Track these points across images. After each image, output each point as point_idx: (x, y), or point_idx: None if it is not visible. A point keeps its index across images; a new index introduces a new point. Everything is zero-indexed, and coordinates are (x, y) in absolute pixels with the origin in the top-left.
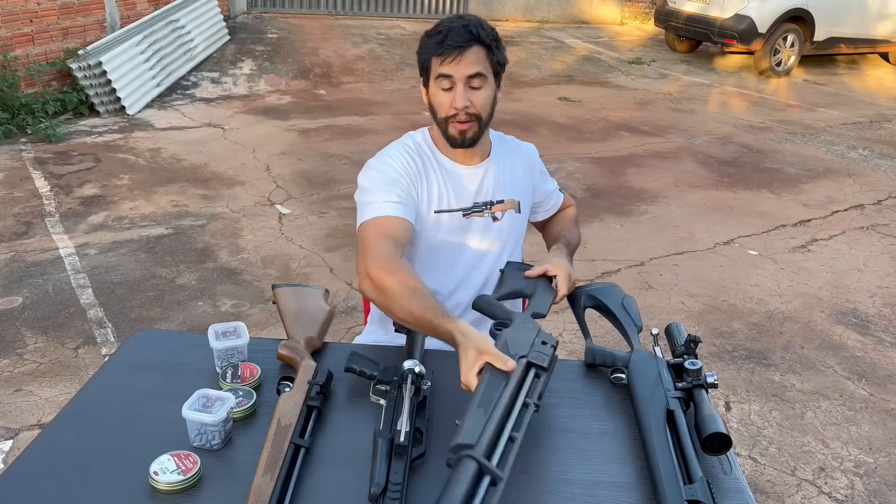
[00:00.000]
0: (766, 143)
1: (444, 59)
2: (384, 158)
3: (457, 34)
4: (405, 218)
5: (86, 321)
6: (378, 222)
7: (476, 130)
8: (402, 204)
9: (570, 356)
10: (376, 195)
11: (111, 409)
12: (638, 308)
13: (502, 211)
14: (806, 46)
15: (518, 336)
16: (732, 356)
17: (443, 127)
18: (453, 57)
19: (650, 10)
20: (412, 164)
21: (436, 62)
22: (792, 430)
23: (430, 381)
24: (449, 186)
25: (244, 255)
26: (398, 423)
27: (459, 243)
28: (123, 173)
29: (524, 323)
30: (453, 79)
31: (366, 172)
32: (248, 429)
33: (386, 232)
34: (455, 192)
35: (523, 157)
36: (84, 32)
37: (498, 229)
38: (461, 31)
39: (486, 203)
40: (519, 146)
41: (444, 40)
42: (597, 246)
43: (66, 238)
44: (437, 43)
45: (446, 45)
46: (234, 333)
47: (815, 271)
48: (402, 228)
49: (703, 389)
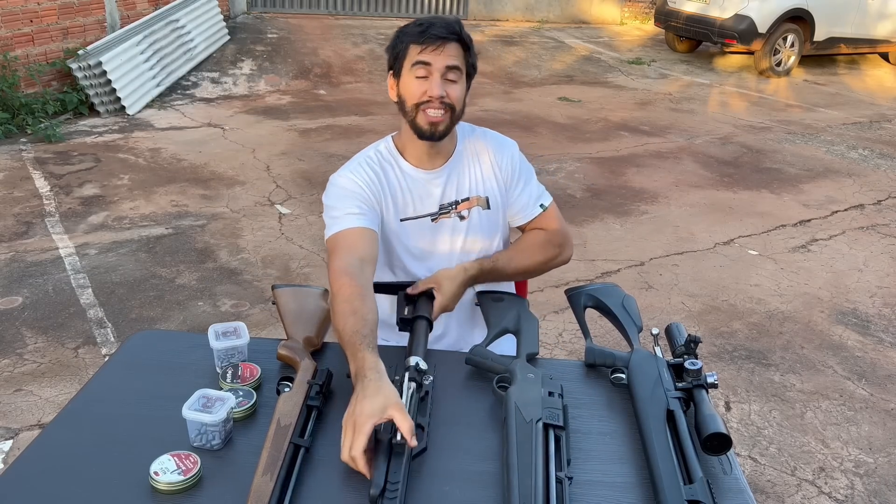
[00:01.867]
0: (766, 143)
1: (424, 48)
2: (345, 174)
3: (439, 27)
4: (368, 227)
5: (86, 321)
6: (341, 236)
7: (447, 124)
8: (364, 214)
9: (570, 356)
10: (338, 210)
11: (111, 409)
12: (638, 308)
13: (468, 209)
14: (806, 46)
15: (526, 395)
16: (732, 356)
17: (412, 116)
18: (435, 46)
19: (650, 10)
20: (373, 175)
21: (414, 49)
22: (792, 430)
23: (433, 375)
24: (414, 194)
25: (244, 255)
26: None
27: (430, 248)
28: (123, 173)
29: (525, 374)
30: (431, 67)
31: (328, 190)
32: (249, 429)
33: (349, 245)
34: (420, 199)
35: (495, 151)
36: (84, 32)
37: (467, 227)
38: (443, 25)
39: (451, 203)
40: (491, 139)
41: (426, 30)
42: (597, 246)
43: (66, 238)
44: (419, 32)
45: (429, 35)
46: (234, 333)
47: (815, 271)
48: (366, 238)
49: (704, 389)
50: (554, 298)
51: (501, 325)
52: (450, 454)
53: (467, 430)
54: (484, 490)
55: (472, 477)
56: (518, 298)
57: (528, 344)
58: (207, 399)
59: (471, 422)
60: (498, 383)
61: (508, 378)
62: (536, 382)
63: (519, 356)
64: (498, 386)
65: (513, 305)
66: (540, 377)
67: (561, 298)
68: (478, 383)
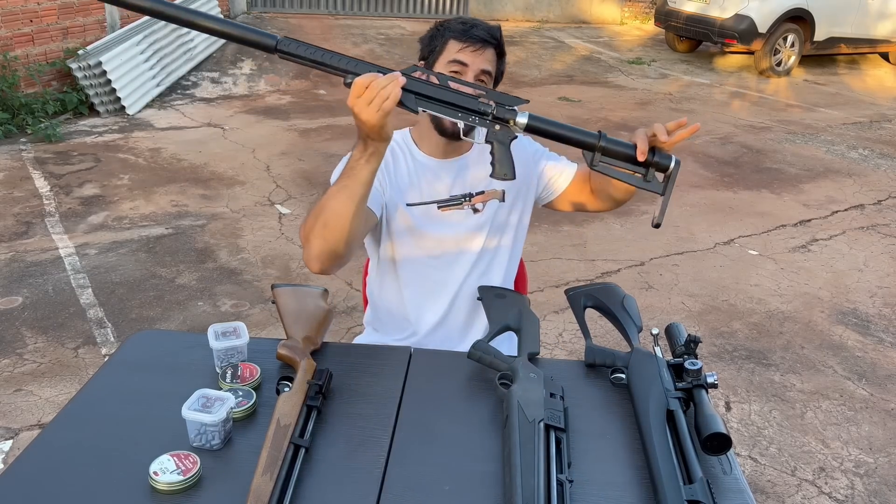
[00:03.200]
0: (767, 143)
1: (465, 47)
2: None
3: (482, 29)
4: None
5: (86, 321)
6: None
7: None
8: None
9: (571, 356)
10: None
11: (111, 409)
12: (638, 308)
13: (483, 202)
14: (806, 46)
15: (528, 395)
16: (732, 356)
17: None
18: (476, 48)
19: (650, 10)
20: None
21: (454, 46)
22: (792, 430)
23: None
24: (423, 180)
25: (244, 255)
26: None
27: (437, 236)
28: (123, 173)
29: (527, 373)
30: (468, 68)
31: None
32: (248, 429)
33: None
34: (428, 185)
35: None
36: (84, 32)
37: (479, 221)
38: (486, 29)
39: (464, 195)
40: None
41: (470, 29)
42: (597, 246)
43: (65, 238)
44: (462, 30)
45: (472, 35)
46: (234, 333)
47: (816, 271)
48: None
49: (703, 389)
50: (554, 298)
51: (504, 321)
52: (450, 454)
53: (468, 430)
54: (484, 490)
55: (472, 477)
56: (520, 296)
57: (529, 343)
58: (207, 399)
59: (471, 421)
60: (500, 380)
61: (510, 376)
62: (539, 382)
63: (520, 355)
64: (500, 383)
65: (515, 302)
66: (542, 377)
67: (561, 298)
68: (478, 383)
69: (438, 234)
